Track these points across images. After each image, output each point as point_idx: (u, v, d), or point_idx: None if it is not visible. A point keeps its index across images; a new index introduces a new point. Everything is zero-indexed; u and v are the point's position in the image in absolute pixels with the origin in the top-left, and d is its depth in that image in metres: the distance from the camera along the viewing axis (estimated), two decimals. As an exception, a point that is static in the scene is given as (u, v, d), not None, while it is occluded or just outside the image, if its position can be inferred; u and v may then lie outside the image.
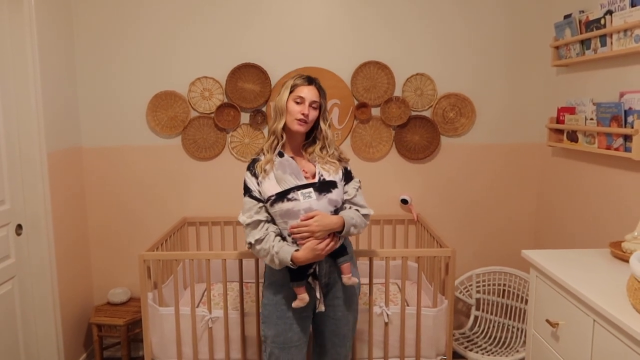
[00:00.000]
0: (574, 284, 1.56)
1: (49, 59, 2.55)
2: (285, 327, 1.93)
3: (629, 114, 2.05)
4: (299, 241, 1.84)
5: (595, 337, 1.46)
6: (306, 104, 1.87)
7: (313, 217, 1.82)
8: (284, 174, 1.85)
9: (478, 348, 2.78)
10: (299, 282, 1.88)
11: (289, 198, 1.82)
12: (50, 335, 2.59)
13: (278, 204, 1.83)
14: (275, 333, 1.94)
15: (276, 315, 1.94)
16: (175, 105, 2.88)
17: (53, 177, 2.56)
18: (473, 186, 3.01)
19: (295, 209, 1.82)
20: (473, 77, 2.90)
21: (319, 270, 1.93)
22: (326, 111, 1.97)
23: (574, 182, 2.59)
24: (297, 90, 1.89)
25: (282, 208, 1.83)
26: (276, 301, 1.94)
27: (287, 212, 1.83)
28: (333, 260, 1.94)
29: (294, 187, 1.84)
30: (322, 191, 1.87)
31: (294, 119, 1.87)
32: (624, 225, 2.11)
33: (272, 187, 1.86)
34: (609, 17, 2.12)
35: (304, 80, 1.91)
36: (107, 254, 3.02)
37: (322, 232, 1.82)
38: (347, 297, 2.01)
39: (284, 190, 1.84)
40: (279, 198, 1.83)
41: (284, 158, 1.89)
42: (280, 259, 1.81)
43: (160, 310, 2.32)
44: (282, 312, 1.93)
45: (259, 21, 2.84)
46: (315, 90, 1.90)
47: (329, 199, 1.87)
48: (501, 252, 3.03)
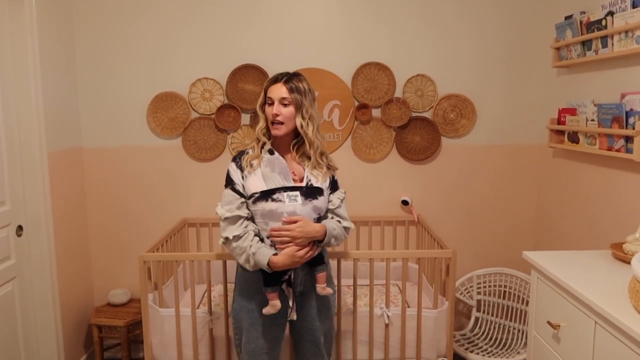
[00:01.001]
0: (575, 286, 1.56)
1: (50, 59, 2.55)
2: (256, 335, 1.88)
3: (630, 115, 2.04)
4: (277, 245, 1.79)
5: (596, 339, 1.45)
6: (275, 104, 1.82)
7: (296, 222, 1.77)
8: (272, 172, 1.81)
9: (479, 349, 2.78)
10: (273, 287, 1.83)
11: (273, 198, 1.78)
12: (51, 337, 2.59)
13: (261, 203, 1.78)
14: (246, 340, 1.90)
15: (248, 322, 1.89)
16: (176, 106, 2.88)
17: (53, 178, 2.56)
18: (474, 187, 3.00)
19: (278, 211, 1.77)
20: (474, 78, 2.90)
21: (294, 278, 1.88)
22: (306, 107, 1.84)
23: (574, 183, 2.58)
24: (268, 92, 1.85)
25: (264, 208, 1.78)
26: (248, 308, 1.89)
27: (269, 213, 1.78)
28: (309, 268, 1.89)
29: (280, 188, 1.79)
30: (308, 196, 1.82)
31: (270, 123, 1.84)
32: (625, 227, 2.11)
33: (258, 184, 1.80)
34: (610, 18, 2.12)
35: (273, 79, 1.86)
36: (107, 254, 3.02)
37: (304, 239, 1.78)
38: (321, 306, 1.97)
39: (270, 189, 1.79)
40: (263, 197, 1.78)
41: (275, 156, 1.85)
42: (256, 261, 1.76)
43: (161, 312, 2.32)
44: (254, 319, 1.88)
45: (260, 22, 2.84)
46: (282, 86, 1.82)
47: (314, 206, 1.83)
48: (502, 253, 3.03)
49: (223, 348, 2.34)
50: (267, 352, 1.92)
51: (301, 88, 1.84)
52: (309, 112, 1.85)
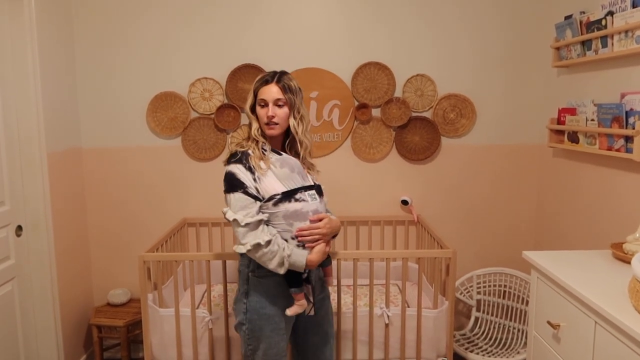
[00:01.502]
0: (575, 285, 1.56)
1: (49, 59, 2.55)
2: (277, 339, 1.86)
3: (630, 115, 2.04)
4: (307, 244, 1.80)
5: (596, 339, 1.45)
6: (270, 106, 1.79)
7: (321, 219, 1.81)
8: (292, 172, 1.81)
9: (479, 349, 2.78)
10: (299, 287, 1.83)
11: (296, 198, 1.78)
12: (50, 337, 2.59)
13: (284, 204, 1.76)
14: (268, 346, 1.85)
15: (269, 329, 1.85)
16: (176, 106, 2.87)
17: (53, 178, 2.56)
18: (474, 187, 3.00)
19: (304, 210, 1.78)
20: (473, 77, 2.90)
21: (309, 274, 1.89)
22: (298, 106, 1.84)
23: (574, 183, 2.58)
24: (259, 93, 1.82)
25: (288, 209, 1.77)
26: (269, 314, 1.84)
27: (294, 213, 1.77)
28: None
29: (300, 187, 1.81)
30: (320, 194, 1.89)
31: (264, 124, 1.81)
32: (625, 227, 2.11)
33: (275, 186, 1.77)
34: (610, 18, 2.12)
35: (263, 80, 1.83)
36: (107, 254, 3.01)
37: (329, 235, 1.83)
38: (325, 296, 2.02)
39: (292, 189, 1.78)
40: (286, 198, 1.76)
41: (285, 156, 1.84)
42: (292, 262, 1.75)
43: (160, 312, 2.32)
44: (276, 324, 1.85)
45: (259, 22, 2.84)
46: (275, 87, 1.80)
47: (324, 203, 1.90)
48: (502, 253, 3.03)
49: (223, 348, 2.34)
50: (285, 354, 1.93)
51: (293, 87, 1.83)
52: (300, 112, 1.85)
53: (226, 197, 1.80)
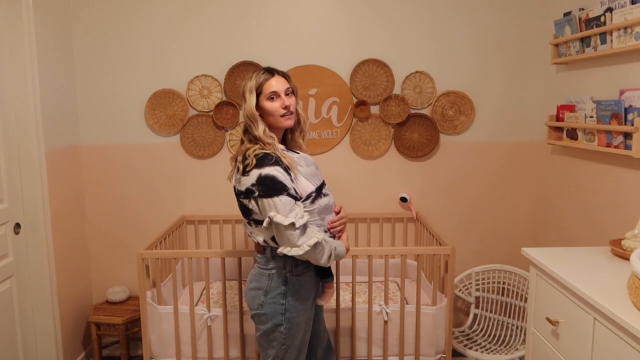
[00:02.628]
0: (574, 282, 1.56)
1: (47, 56, 2.54)
2: (307, 329, 1.90)
3: (629, 112, 2.04)
4: (337, 234, 1.89)
5: (595, 335, 1.46)
6: (282, 96, 1.78)
7: (341, 209, 1.91)
8: (317, 170, 1.88)
9: (477, 346, 2.78)
10: (332, 277, 1.95)
11: (324, 193, 1.84)
12: (49, 334, 2.58)
13: (318, 200, 1.79)
14: (303, 339, 1.87)
15: (304, 322, 1.86)
16: (174, 104, 2.87)
17: (51, 175, 2.55)
18: (472, 184, 3.00)
19: (330, 203, 1.86)
20: (472, 75, 2.90)
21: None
22: (297, 92, 1.88)
23: (573, 179, 2.59)
24: (265, 88, 1.76)
25: (321, 204, 1.80)
26: (304, 309, 1.84)
27: (325, 208, 1.82)
28: None
29: (323, 182, 1.88)
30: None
31: (279, 117, 1.78)
32: (624, 223, 2.11)
33: (307, 184, 1.77)
34: (609, 15, 2.11)
35: (266, 74, 1.78)
36: (105, 252, 3.01)
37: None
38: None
39: (319, 185, 1.83)
40: (318, 194, 1.80)
41: (304, 154, 1.89)
42: (337, 254, 1.80)
43: (159, 309, 2.32)
44: (309, 315, 1.89)
45: (258, 19, 2.83)
46: (281, 77, 1.80)
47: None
48: (501, 250, 3.03)
49: (221, 345, 2.34)
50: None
51: (288, 75, 1.87)
52: (298, 102, 1.90)
53: (265, 201, 1.67)
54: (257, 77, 1.79)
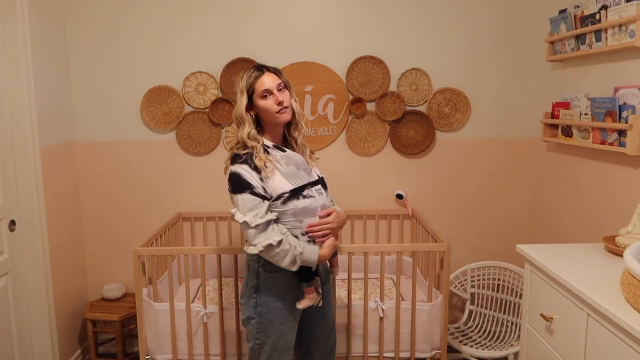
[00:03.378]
0: (568, 278, 1.57)
1: (42, 52, 2.53)
2: (286, 331, 1.89)
3: (623, 109, 2.05)
4: (318, 239, 1.82)
5: (589, 331, 1.47)
6: (275, 93, 1.77)
7: (330, 214, 1.83)
8: (298, 170, 1.80)
9: (473, 342, 2.80)
10: (311, 281, 1.85)
11: (304, 195, 1.78)
12: (45, 331, 2.58)
13: (292, 202, 1.76)
14: (277, 338, 1.88)
15: (279, 321, 1.87)
16: (170, 100, 2.86)
17: (46, 172, 2.54)
18: (468, 181, 3.01)
19: (312, 206, 1.79)
20: (468, 72, 2.90)
21: (317, 267, 1.89)
22: (290, 86, 1.85)
23: (568, 176, 2.60)
24: (257, 86, 1.76)
25: (296, 206, 1.76)
26: (278, 307, 1.86)
27: (303, 210, 1.77)
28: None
29: (307, 184, 1.81)
30: (325, 188, 1.89)
31: (275, 113, 1.77)
32: (618, 220, 2.12)
33: (283, 184, 1.76)
34: (604, 12, 2.12)
35: (256, 72, 1.78)
36: (101, 249, 3.01)
37: (338, 229, 1.86)
38: (329, 288, 2.05)
39: (299, 186, 1.78)
40: (294, 195, 1.76)
41: (289, 152, 1.83)
42: (304, 259, 1.76)
43: (155, 306, 2.32)
44: (285, 316, 1.87)
45: (254, 16, 2.82)
46: (271, 74, 1.79)
47: (329, 196, 1.91)
48: (496, 247, 3.04)
49: (218, 342, 2.34)
50: (292, 346, 1.95)
51: (281, 71, 1.86)
52: (293, 95, 1.88)
53: (232, 198, 1.76)
54: (247, 77, 1.79)
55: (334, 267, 2.01)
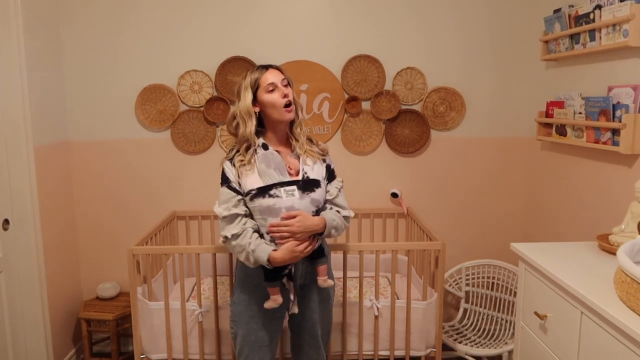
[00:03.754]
0: (562, 277, 1.58)
1: (36, 50, 2.51)
2: (256, 327, 1.89)
3: (616, 108, 2.06)
4: (277, 240, 1.78)
5: (582, 329, 1.47)
6: (280, 87, 1.80)
7: (295, 216, 1.75)
8: (268, 168, 1.79)
9: (467, 340, 2.81)
10: (273, 282, 1.82)
11: (270, 194, 1.76)
12: (39, 331, 2.57)
13: (258, 199, 1.76)
14: (246, 333, 1.90)
15: (248, 315, 1.89)
16: (165, 99, 2.85)
17: (40, 171, 2.53)
18: (463, 180, 3.02)
19: (276, 207, 1.76)
20: (463, 71, 2.91)
21: (294, 272, 1.88)
22: (292, 85, 1.90)
23: (562, 175, 2.61)
24: (262, 81, 1.80)
25: (262, 204, 1.76)
26: (248, 300, 1.89)
27: (267, 209, 1.77)
28: (310, 261, 1.88)
29: (277, 183, 1.78)
30: (305, 190, 1.81)
31: (281, 108, 1.79)
32: (611, 218, 2.13)
33: (254, 181, 1.78)
34: (598, 12, 2.13)
35: (260, 69, 1.83)
36: (95, 248, 3.00)
37: (303, 234, 1.76)
38: (322, 299, 1.98)
39: (267, 185, 1.77)
40: (260, 193, 1.76)
41: (269, 151, 1.82)
42: (255, 258, 1.75)
43: (150, 305, 2.31)
44: (254, 312, 1.88)
45: (249, 14, 2.82)
46: (275, 70, 1.83)
47: (311, 199, 1.82)
48: (490, 245, 3.05)
49: (213, 341, 2.34)
50: (267, 344, 1.93)
51: (284, 71, 1.88)
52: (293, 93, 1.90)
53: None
54: (251, 74, 1.82)
55: (319, 275, 1.89)
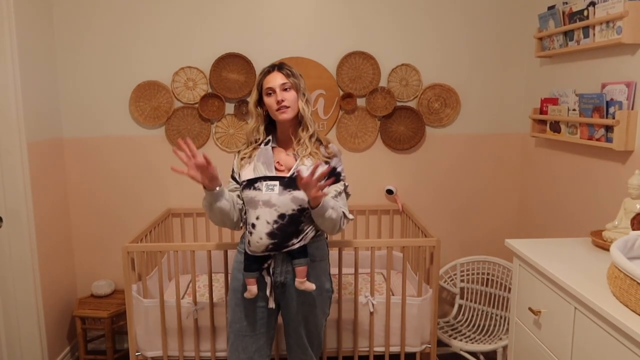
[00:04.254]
0: (555, 272, 1.58)
1: (28, 46, 2.49)
2: (240, 315, 1.96)
3: (610, 105, 2.07)
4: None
5: (576, 324, 1.48)
6: (277, 92, 1.84)
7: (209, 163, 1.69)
8: (258, 162, 1.88)
9: (462, 336, 2.82)
10: (250, 272, 1.88)
11: (255, 187, 1.84)
12: (33, 329, 2.56)
13: (246, 190, 1.87)
14: (232, 319, 1.99)
15: (234, 302, 1.98)
16: (159, 96, 2.84)
17: (33, 168, 2.52)
18: (458, 176, 3.03)
19: (256, 199, 1.83)
20: (458, 67, 2.91)
21: (273, 266, 1.89)
22: (303, 90, 1.89)
23: (556, 172, 2.62)
24: (264, 84, 1.87)
25: (247, 195, 1.86)
26: (234, 287, 1.98)
27: (249, 201, 1.85)
28: (290, 259, 1.88)
29: (261, 177, 1.85)
30: (288, 187, 1.80)
31: (274, 111, 1.86)
32: (604, 215, 2.14)
33: (248, 173, 1.89)
34: (592, 9, 2.14)
35: (265, 71, 1.90)
36: (90, 246, 2.98)
37: (194, 170, 1.70)
38: (302, 301, 1.93)
39: (254, 178, 1.86)
40: (248, 185, 1.86)
41: (265, 147, 1.91)
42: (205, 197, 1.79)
43: (145, 302, 2.31)
44: (238, 300, 1.96)
45: (244, 10, 2.81)
46: (278, 74, 1.86)
47: (293, 196, 1.80)
48: (485, 241, 3.07)
49: (208, 338, 2.34)
50: (251, 335, 1.95)
51: (295, 73, 1.90)
52: (305, 96, 1.91)
53: None
54: (260, 74, 1.92)
55: (297, 277, 1.86)
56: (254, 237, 1.82)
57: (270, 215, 1.80)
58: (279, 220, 1.80)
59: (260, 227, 1.81)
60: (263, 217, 1.81)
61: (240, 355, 1.97)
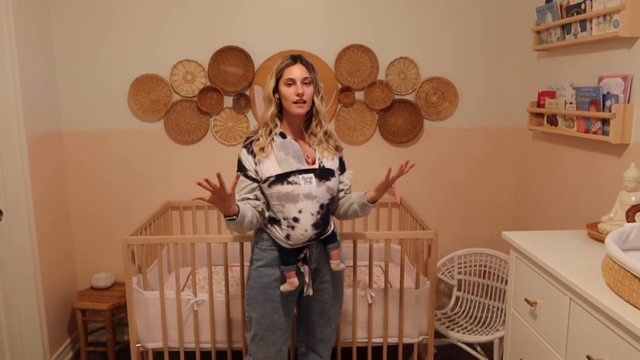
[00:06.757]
0: (551, 264, 1.60)
1: (27, 40, 2.49)
2: (271, 310, 1.95)
3: (607, 98, 2.09)
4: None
5: (571, 315, 1.51)
6: (298, 84, 1.84)
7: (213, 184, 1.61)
8: (287, 156, 1.86)
9: (459, 327, 2.85)
10: (290, 266, 1.90)
11: (289, 181, 1.82)
12: (34, 321, 2.57)
13: (276, 186, 1.83)
14: (262, 315, 1.95)
15: (263, 298, 1.94)
16: (157, 89, 2.84)
17: (33, 161, 2.52)
18: (455, 169, 3.04)
19: (294, 193, 1.82)
20: (456, 61, 2.92)
21: (309, 255, 1.95)
22: (319, 86, 1.93)
23: (553, 165, 2.64)
24: (285, 73, 1.86)
25: (280, 191, 1.82)
26: (263, 284, 1.94)
27: (285, 195, 1.83)
28: (323, 246, 1.96)
29: (295, 171, 1.84)
30: (322, 178, 1.88)
31: (291, 103, 1.85)
32: (600, 207, 2.16)
33: (272, 168, 1.84)
34: (589, 2, 2.14)
35: (289, 60, 1.88)
36: (90, 238, 3.00)
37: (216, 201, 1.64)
38: (334, 281, 2.05)
39: (285, 172, 1.83)
40: (278, 180, 1.82)
41: (287, 140, 1.89)
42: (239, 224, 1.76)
43: (145, 295, 2.32)
44: (269, 295, 1.94)
45: (243, 3, 2.80)
46: (302, 67, 1.87)
47: (327, 187, 1.89)
48: (482, 234, 3.09)
49: (208, 330, 2.36)
50: (282, 327, 1.98)
51: (314, 67, 1.92)
52: (320, 92, 1.93)
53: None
54: (280, 62, 1.89)
55: (331, 259, 1.97)
56: (298, 230, 1.84)
57: (313, 207, 1.85)
58: (320, 210, 1.87)
59: (305, 220, 1.84)
60: (307, 210, 1.84)
61: (270, 349, 1.98)
